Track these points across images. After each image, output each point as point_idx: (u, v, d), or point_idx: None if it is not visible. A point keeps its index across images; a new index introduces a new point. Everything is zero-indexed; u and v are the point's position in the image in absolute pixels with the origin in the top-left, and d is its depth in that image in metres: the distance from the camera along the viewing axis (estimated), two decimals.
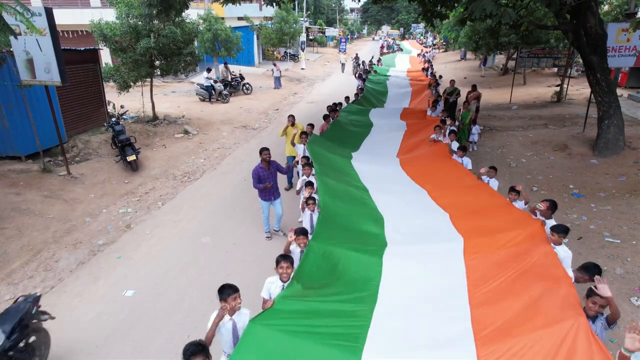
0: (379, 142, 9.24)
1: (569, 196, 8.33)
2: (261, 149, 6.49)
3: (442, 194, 6.01)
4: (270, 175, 6.57)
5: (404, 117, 11.05)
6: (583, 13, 9.50)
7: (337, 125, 9.59)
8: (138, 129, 12.44)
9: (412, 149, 8.61)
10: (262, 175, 6.49)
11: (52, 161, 9.77)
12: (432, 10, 13.08)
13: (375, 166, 7.53)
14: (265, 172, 6.50)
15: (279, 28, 26.02)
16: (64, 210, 7.92)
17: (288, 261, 3.93)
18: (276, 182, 6.74)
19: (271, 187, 6.63)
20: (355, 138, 9.29)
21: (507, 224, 4.70)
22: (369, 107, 12.70)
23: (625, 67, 17.00)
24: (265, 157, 6.45)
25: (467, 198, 5.76)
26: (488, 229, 4.69)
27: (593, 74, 9.99)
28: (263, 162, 6.48)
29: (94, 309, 5.29)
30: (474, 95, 12.99)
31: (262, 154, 6.47)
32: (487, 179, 6.47)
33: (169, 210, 8.18)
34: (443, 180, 6.57)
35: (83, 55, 11.75)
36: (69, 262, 6.32)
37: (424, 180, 6.63)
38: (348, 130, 9.67)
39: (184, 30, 13.11)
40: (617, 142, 9.96)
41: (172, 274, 6.04)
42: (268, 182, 6.50)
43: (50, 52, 7.88)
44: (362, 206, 5.70)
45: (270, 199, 6.77)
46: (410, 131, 9.63)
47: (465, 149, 7.48)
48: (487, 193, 5.84)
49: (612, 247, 6.41)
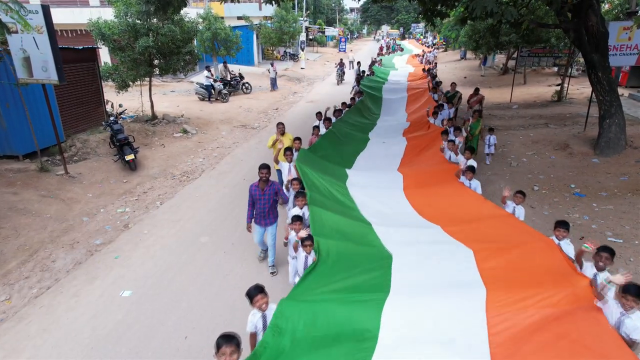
0: (376, 158, 8.14)
1: (570, 195, 8.27)
2: (260, 166, 5.58)
3: (459, 229, 4.96)
4: (265, 197, 5.62)
5: (404, 130, 10.06)
6: (584, 11, 9.44)
7: (329, 137, 8.43)
8: (137, 128, 12.37)
9: (415, 170, 7.32)
10: (255, 196, 5.63)
11: (50, 160, 9.70)
12: (432, 10, 13.02)
13: (374, 191, 6.48)
14: (259, 192, 5.60)
15: (279, 27, 25.98)
16: (62, 209, 7.85)
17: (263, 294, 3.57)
18: (273, 205, 5.77)
19: (263, 212, 5.68)
20: (349, 153, 8.24)
21: (543, 275, 3.76)
22: (365, 115, 11.55)
23: (626, 66, 16.95)
24: (262, 175, 5.55)
25: (490, 232, 4.74)
26: (518, 280, 3.76)
27: (594, 73, 9.94)
28: (260, 182, 5.63)
29: (90, 309, 5.22)
30: (477, 99, 12.26)
31: (260, 171, 5.56)
32: (511, 205, 5.38)
33: (167, 210, 8.11)
34: (457, 211, 5.52)
35: (81, 54, 11.69)
36: (65, 262, 6.26)
37: (435, 212, 5.61)
38: (341, 143, 8.54)
39: (183, 29, 13.04)
40: (619, 141, 9.91)
41: (170, 274, 5.97)
42: (260, 205, 5.62)
43: (47, 50, 7.82)
44: (365, 245, 4.71)
45: (262, 224, 5.80)
46: (411, 146, 8.57)
47: (474, 170, 6.39)
48: (517, 228, 4.72)
49: (615, 247, 6.28)
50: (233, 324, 4.85)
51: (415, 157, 7.91)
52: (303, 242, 4.55)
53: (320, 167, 6.57)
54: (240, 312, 5.07)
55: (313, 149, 7.55)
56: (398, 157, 8.11)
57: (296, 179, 5.96)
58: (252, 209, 5.73)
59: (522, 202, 5.38)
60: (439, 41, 47.80)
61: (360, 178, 6.90)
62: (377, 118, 11.62)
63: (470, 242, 4.53)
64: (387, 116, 11.99)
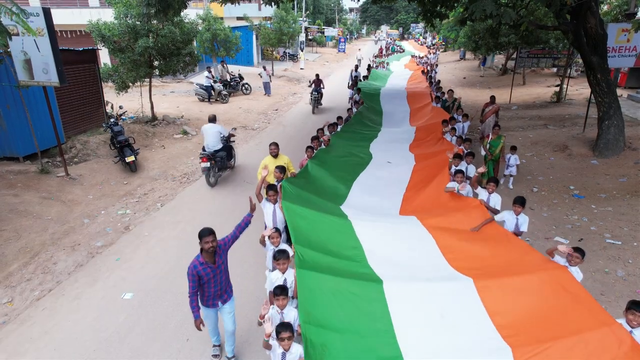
0: (380, 181, 7.02)
1: (569, 197, 8.31)
2: (201, 233, 3.90)
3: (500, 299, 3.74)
4: (219, 271, 4.09)
5: (412, 146, 8.84)
6: (583, 13, 9.48)
7: (323, 157, 7.21)
8: (137, 130, 12.39)
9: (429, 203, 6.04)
10: (206, 276, 3.98)
11: (51, 162, 9.71)
12: (431, 10, 13.06)
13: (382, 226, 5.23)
14: (209, 269, 3.99)
15: (278, 28, 25.97)
16: (62, 211, 7.87)
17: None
18: (228, 276, 4.28)
19: (219, 290, 4.16)
20: (347, 177, 6.99)
21: None
22: (365, 128, 10.31)
23: (625, 68, 17.01)
24: (208, 246, 3.86)
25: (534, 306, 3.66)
26: None
27: (593, 74, 9.99)
28: (204, 254, 3.96)
29: (92, 311, 5.24)
30: (493, 110, 10.84)
31: (202, 241, 3.87)
32: (561, 260, 4.15)
33: (167, 212, 8.13)
34: (493, 261, 4.32)
35: (81, 56, 11.70)
36: (67, 265, 6.28)
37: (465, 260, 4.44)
38: (338, 164, 7.34)
39: (182, 30, 13.06)
40: (618, 142, 9.96)
41: (171, 277, 5.99)
42: (213, 284, 4.07)
43: (48, 52, 7.83)
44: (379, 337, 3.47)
45: (215, 305, 4.20)
46: (419, 168, 7.31)
47: (497, 182, 5.80)
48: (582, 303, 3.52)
49: (614, 248, 6.39)
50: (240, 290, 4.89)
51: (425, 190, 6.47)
52: (279, 334, 3.33)
53: (312, 204, 5.33)
54: (242, 313, 5.10)
55: (303, 174, 6.36)
56: (403, 186, 6.85)
57: (276, 231, 4.68)
58: (197, 296, 4.04)
59: (581, 262, 4.06)
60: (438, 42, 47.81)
61: (361, 212, 5.70)
62: (379, 131, 10.40)
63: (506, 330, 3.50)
64: (391, 127, 10.96)
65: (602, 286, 5.57)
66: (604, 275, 5.78)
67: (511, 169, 8.69)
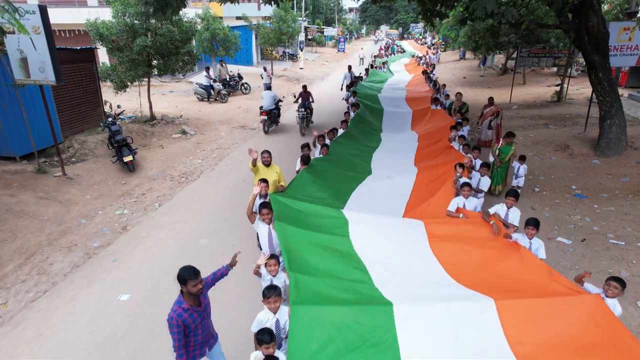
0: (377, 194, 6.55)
1: (571, 197, 8.23)
2: (186, 275, 3.26)
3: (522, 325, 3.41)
4: (206, 314, 3.56)
5: (416, 158, 8.25)
6: (585, 12, 9.40)
7: (318, 168, 6.65)
8: (135, 129, 12.30)
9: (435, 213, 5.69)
10: (193, 323, 3.38)
11: (48, 162, 9.62)
12: (431, 10, 12.99)
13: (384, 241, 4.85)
14: (196, 314, 3.40)
15: (277, 27, 25.88)
16: (59, 211, 7.78)
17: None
18: (210, 316, 3.69)
19: (206, 334, 3.62)
20: (345, 187, 6.57)
21: None
22: (364, 136, 9.65)
23: (626, 67, 16.95)
24: (194, 289, 3.29)
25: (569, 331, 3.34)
26: None
27: (595, 73, 9.91)
28: (187, 297, 3.34)
29: (88, 314, 5.15)
30: (491, 111, 10.50)
31: (187, 284, 3.26)
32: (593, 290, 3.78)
33: (165, 212, 8.04)
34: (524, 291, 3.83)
35: (79, 55, 11.61)
36: (63, 266, 6.19)
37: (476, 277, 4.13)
38: (335, 175, 6.81)
39: (181, 29, 12.97)
40: (619, 142, 9.88)
41: (168, 278, 5.89)
42: (201, 329, 3.49)
43: (44, 51, 7.74)
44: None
45: (203, 353, 3.65)
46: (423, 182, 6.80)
47: (517, 196, 5.26)
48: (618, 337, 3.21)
49: (617, 249, 6.31)
50: (232, 328, 4.81)
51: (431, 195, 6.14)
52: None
53: (305, 219, 4.92)
54: (240, 316, 5.02)
55: (295, 185, 5.85)
56: (405, 197, 6.45)
57: (272, 258, 4.16)
58: (185, 347, 3.42)
59: (620, 293, 3.63)
60: (438, 41, 47.74)
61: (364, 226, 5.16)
62: (380, 141, 9.64)
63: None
64: (391, 133, 10.39)
65: None
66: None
67: (519, 180, 8.01)
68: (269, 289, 3.64)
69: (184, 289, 3.31)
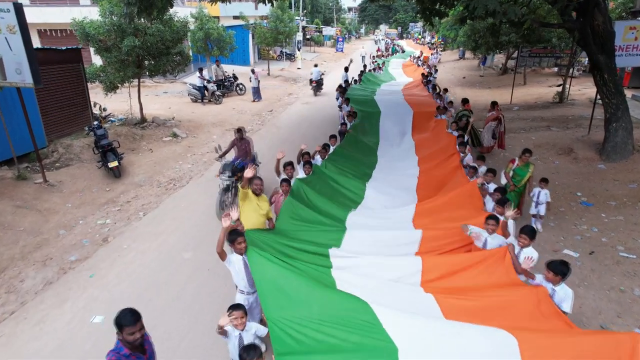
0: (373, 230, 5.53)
1: (577, 205, 7.83)
2: (123, 320, 2.93)
3: None
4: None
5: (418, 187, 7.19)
6: (590, 10, 9.00)
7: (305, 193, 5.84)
8: (124, 132, 11.87)
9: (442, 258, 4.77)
10: None
11: (30, 167, 9.21)
12: (430, 9, 12.57)
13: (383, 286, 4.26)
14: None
15: (274, 27, 25.43)
16: (37, 221, 7.37)
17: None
18: None
19: None
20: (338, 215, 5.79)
21: None
22: (360, 153, 8.74)
23: (629, 67, 16.55)
24: (130, 337, 2.89)
25: None
26: None
27: (600, 74, 9.51)
28: (126, 344, 2.94)
29: (56, 338, 4.74)
30: (491, 117, 9.99)
31: (123, 331, 2.89)
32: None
33: (150, 222, 7.63)
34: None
35: (65, 55, 11.19)
36: (35, 282, 5.77)
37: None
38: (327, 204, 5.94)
39: (172, 29, 12.56)
40: (626, 145, 9.48)
41: (147, 295, 5.50)
42: None
43: (21, 51, 7.33)
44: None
45: None
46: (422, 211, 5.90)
47: (534, 235, 4.38)
48: None
49: (628, 263, 5.91)
50: (214, 351, 4.42)
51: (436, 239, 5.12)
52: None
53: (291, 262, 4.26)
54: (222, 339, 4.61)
55: (283, 220, 5.16)
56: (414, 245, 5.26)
57: (238, 309, 3.54)
58: None
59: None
60: (437, 41, 47.29)
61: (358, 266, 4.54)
62: (376, 162, 8.61)
63: None
64: (389, 147, 9.57)
65: (618, 307, 5.09)
66: (619, 295, 5.30)
67: (540, 208, 6.63)
68: (248, 351, 2.95)
69: (119, 336, 2.88)
